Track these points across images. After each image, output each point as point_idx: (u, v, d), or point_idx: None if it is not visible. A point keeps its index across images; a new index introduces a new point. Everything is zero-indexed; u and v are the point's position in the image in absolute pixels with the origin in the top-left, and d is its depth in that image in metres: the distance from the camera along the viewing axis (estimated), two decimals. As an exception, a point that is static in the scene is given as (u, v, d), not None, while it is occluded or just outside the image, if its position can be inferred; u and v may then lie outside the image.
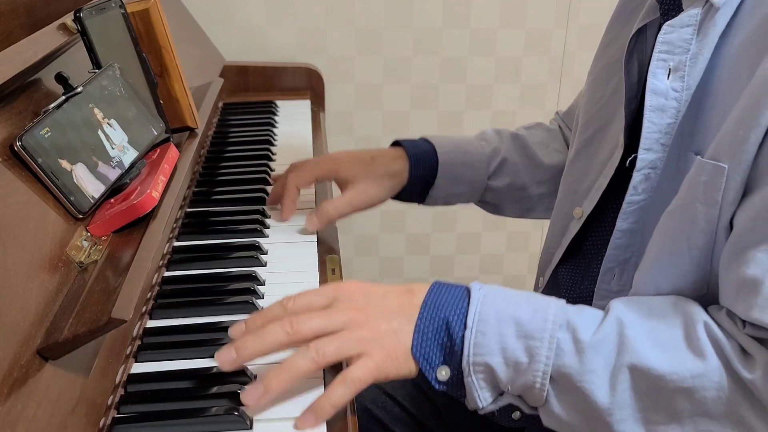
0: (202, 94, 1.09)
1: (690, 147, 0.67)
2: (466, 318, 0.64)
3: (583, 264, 0.84)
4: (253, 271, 0.80)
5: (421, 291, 0.66)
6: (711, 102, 0.66)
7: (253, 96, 1.46)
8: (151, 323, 0.73)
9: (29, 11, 0.77)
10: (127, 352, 0.66)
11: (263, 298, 0.77)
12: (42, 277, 0.57)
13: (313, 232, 0.90)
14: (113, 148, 0.72)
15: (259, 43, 1.55)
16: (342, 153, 0.97)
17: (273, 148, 1.19)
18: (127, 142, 0.74)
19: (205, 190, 1.02)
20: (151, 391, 0.63)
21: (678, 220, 0.65)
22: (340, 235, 0.91)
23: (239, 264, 0.83)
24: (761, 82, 0.58)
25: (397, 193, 0.97)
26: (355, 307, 0.64)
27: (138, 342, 0.69)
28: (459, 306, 0.65)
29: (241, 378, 0.64)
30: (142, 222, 0.70)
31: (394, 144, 1.00)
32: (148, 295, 0.74)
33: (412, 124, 1.67)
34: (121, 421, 0.59)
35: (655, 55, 0.68)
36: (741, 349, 0.60)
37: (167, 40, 0.88)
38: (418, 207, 1.04)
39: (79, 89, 0.70)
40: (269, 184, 1.04)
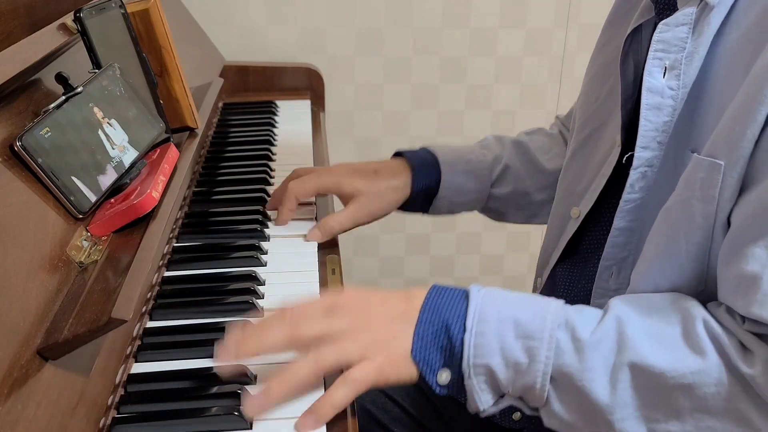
0: (202, 94, 1.09)
1: (687, 145, 0.67)
2: (466, 320, 0.64)
3: (581, 263, 0.84)
4: (253, 271, 0.80)
5: (419, 295, 0.67)
6: (707, 100, 0.66)
7: (253, 96, 1.46)
8: (151, 323, 0.73)
9: (29, 11, 0.76)
10: (127, 352, 0.66)
11: (263, 298, 0.77)
12: (42, 277, 0.57)
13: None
14: (113, 148, 0.72)
15: (259, 43, 1.55)
16: (344, 166, 0.96)
17: (273, 148, 1.19)
18: (127, 142, 0.74)
19: (205, 190, 1.02)
20: (151, 391, 0.63)
21: (675, 217, 0.65)
22: (340, 236, 0.91)
23: (239, 264, 0.83)
24: (756, 79, 0.59)
25: (401, 204, 0.97)
26: (355, 314, 0.64)
27: (138, 342, 0.69)
28: (458, 308, 0.65)
29: (241, 378, 0.64)
30: (142, 222, 0.70)
31: (395, 155, 1.00)
32: (148, 295, 0.74)
33: (412, 124, 1.66)
34: (121, 421, 0.59)
35: (650, 54, 0.69)
36: (740, 344, 0.60)
37: (167, 40, 0.88)
38: (418, 207, 1.04)
39: (79, 89, 0.70)
40: (269, 184, 1.04)
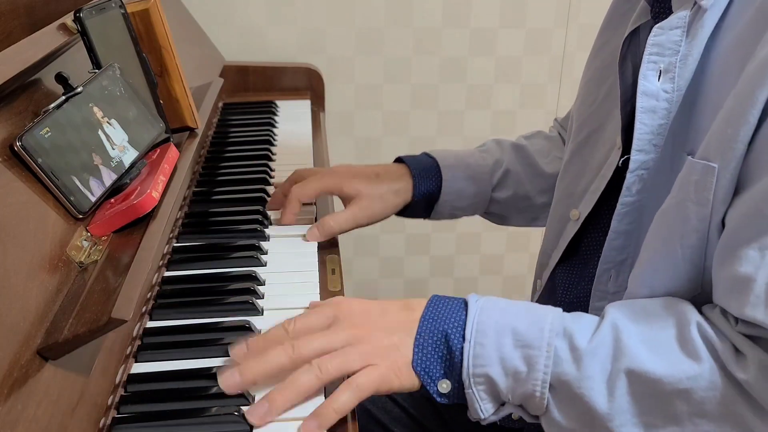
0: (202, 94, 1.09)
1: (683, 147, 0.67)
2: (465, 330, 0.64)
3: (580, 265, 0.84)
4: (253, 271, 0.80)
5: (419, 306, 0.67)
6: (702, 102, 0.66)
7: (253, 96, 1.46)
8: (151, 323, 0.73)
9: (29, 11, 0.76)
10: (127, 352, 0.66)
11: (263, 298, 0.77)
12: (42, 277, 0.57)
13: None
14: (113, 148, 0.72)
15: (259, 43, 1.55)
16: (345, 167, 0.96)
17: (273, 148, 1.19)
18: (127, 142, 0.74)
19: (205, 190, 1.02)
20: (151, 391, 0.63)
21: (671, 220, 0.65)
22: (340, 236, 0.91)
23: (239, 264, 0.82)
24: (748, 81, 0.59)
25: (402, 210, 0.97)
26: (356, 325, 0.65)
27: (138, 342, 0.69)
28: (457, 318, 0.65)
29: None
30: (142, 222, 0.70)
31: (396, 160, 1.00)
32: (148, 295, 0.74)
33: (412, 124, 1.66)
34: (121, 421, 0.59)
35: (645, 57, 0.69)
36: (734, 348, 0.60)
37: (167, 40, 0.88)
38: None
39: (79, 89, 0.70)
40: (269, 184, 1.04)
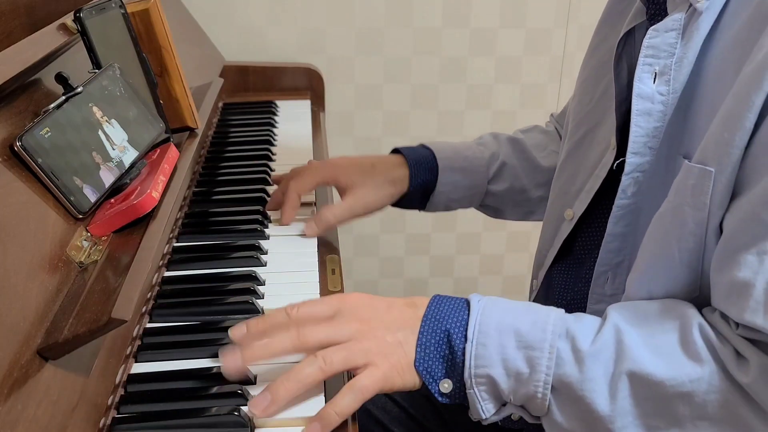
0: (202, 94, 1.09)
1: (679, 150, 0.67)
2: (467, 330, 0.64)
3: (576, 265, 0.84)
4: (253, 271, 0.80)
5: (423, 303, 0.67)
6: (698, 105, 0.65)
7: (253, 96, 1.46)
8: (151, 323, 0.73)
9: (29, 11, 0.76)
10: (127, 352, 0.66)
11: (263, 298, 0.77)
12: (42, 277, 0.57)
13: (312, 237, 0.90)
14: (113, 148, 0.72)
15: (259, 43, 1.55)
16: (342, 159, 0.97)
17: (273, 148, 1.19)
18: (127, 142, 0.74)
19: (205, 190, 1.02)
20: (151, 391, 0.63)
21: (668, 224, 0.65)
22: (340, 235, 0.91)
23: (239, 264, 0.82)
24: (744, 84, 0.58)
25: (398, 200, 0.97)
26: (360, 319, 0.65)
27: (138, 342, 0.69)
28: (459, 318, 0.65)
29: (243, 378, 0.64)
30: (142, 222, 0.70)
31: (393, 152, 1.00)
32: (148, 295, 0.74)
33: (412, 124, 1.66)
34: (121, 421, 0.59)
35: (640, 60, 0.68)
36: (735, 352, 0.60)
37: (167, 40, 0.88)
38: (418, 207, 1.04)
39: (79, 89, 0.70)
40: (269, 184, 1.04)
